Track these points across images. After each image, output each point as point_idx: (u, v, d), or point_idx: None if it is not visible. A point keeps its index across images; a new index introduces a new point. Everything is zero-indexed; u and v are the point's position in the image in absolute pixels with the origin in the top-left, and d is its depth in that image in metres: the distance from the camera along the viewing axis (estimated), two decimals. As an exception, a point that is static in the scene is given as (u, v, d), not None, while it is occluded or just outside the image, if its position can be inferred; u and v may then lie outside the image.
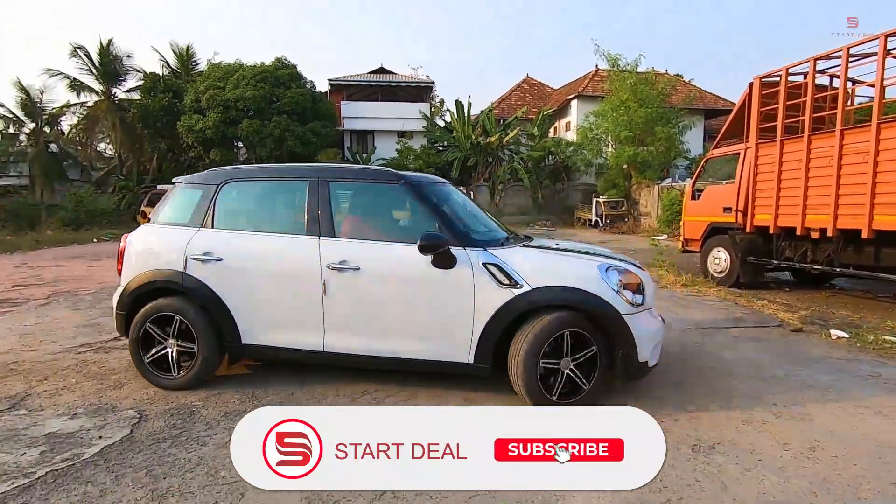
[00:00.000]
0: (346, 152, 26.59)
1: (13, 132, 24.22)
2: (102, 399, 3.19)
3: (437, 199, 3.32)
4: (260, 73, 20.95)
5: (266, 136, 20.36)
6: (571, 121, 25.35)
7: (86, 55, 22.95)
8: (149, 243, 3.58)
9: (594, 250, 3.57)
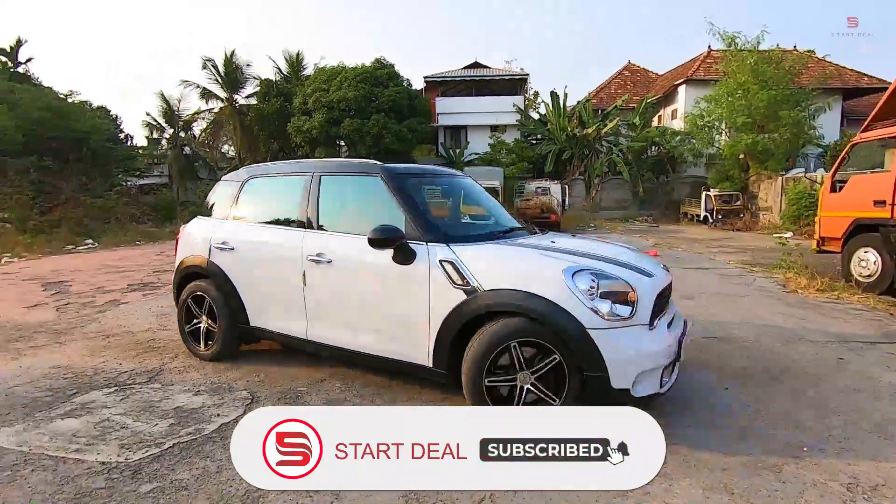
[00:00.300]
0: (439, 148, 26.99)
1: (156, 137, 27.80)
2: (221, 378, 3.47)
3: (411, 191, 3.14)
4: (360, 74, 21.91)
5: (365, 134, 21.26)
6: (678, 108, 23.45)
7: (213, 67, 25.57)
8: (191, 232, 4.06)
9: (610, 254, 2.96)
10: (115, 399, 3.11)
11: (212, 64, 25.31)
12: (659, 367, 2.56)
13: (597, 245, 3.29)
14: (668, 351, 2.61)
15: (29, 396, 3.15)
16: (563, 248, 2.98)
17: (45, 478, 2.23)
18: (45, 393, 3.20)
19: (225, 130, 27.71)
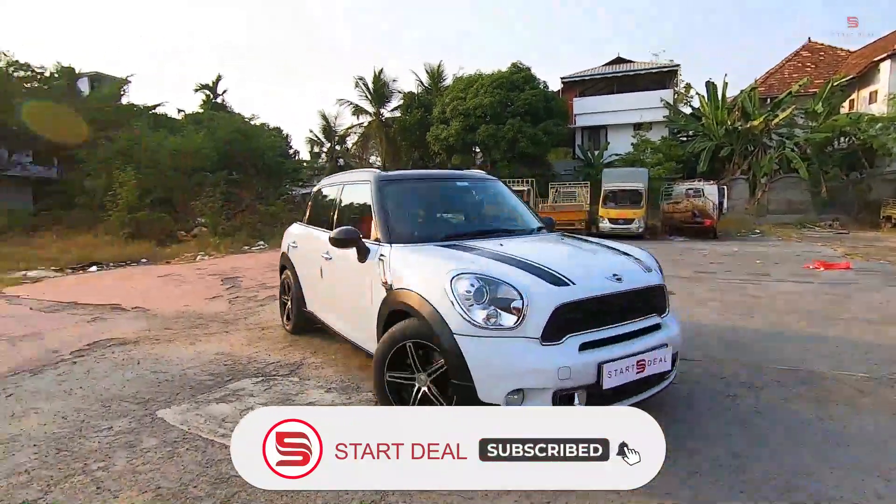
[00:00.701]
0: (576, 150, 25.94)
1: (317, 151, 31.34)
2: (351, 378, 3.59)
3: (389, 195, 3.42)
4: (496, 79, 22.06)
5: (500, 139, 21.31)
6: (879, 89, 19.30)
7: (364, 85, 28.03)
8: (286, 233, 5.04)
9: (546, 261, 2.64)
10: (260, 388, 3.40)
11: (363, 82, 27.72)
12: (547, 388, 2.27)
13: (557, 250, 3.17)
14: (563, 373, 2.26)
15: (196, 379, 3.60)
16: (498, 253, 2.80)
17: (195, 458, 2.47)
18: (208, 377, 3.63)
19: (373, 142, 30.10)
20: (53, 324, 5.34)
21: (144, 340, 4.65)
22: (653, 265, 2.98)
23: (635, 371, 2.44)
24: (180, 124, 24.82)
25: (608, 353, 2.39)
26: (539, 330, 2.31)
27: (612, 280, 2.60)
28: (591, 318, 2.47)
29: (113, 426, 2.84)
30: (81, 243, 12.41)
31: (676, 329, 2.81)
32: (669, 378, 2.77)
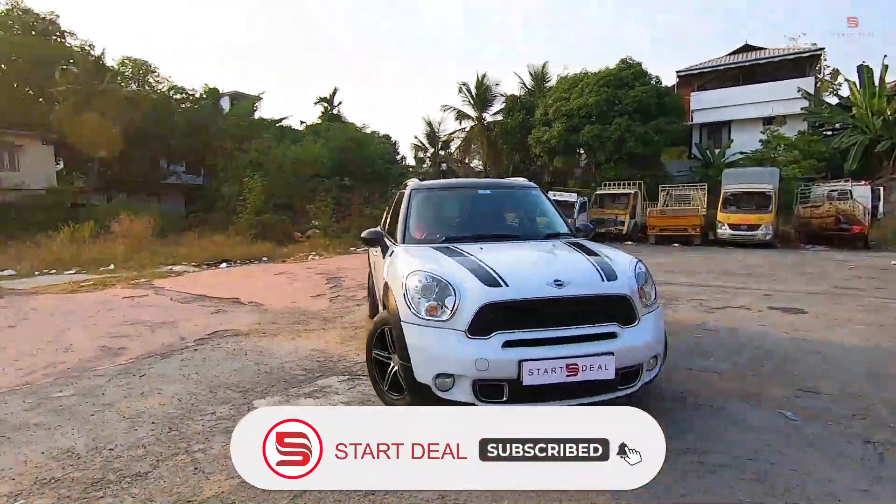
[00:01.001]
0: (693, 149, 23.84)
1: (421, 157, 32.43)
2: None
3: (416, 201, 4.04)
4: (603, 77, 21.05)
5: (606, 139, 20.29)
6: None
7: (467, 90, 28.42)
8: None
9: (501, 265, 2.84)
10: (345, 387, 3.55)
11: (466, 88, 28.12)
12: (468, 376, 2.53)
13: (522, 255, 3.28)
14: (481, 364, 2.51)
15: (291, 373, 3.86)
16: (469, 255, 3.05)
17: (278, 449, 2.63)
18: (301, 372, 3.88)
19: (475, 146, 30.40)
20: (186, 313, 6.10)
21: (254, 333, 5.12)
22: (623, 275, 2.91)
23: (565, 374, 2.51)
24: (301, 135, 27.18)
25: (532, 352, 2.53)
26: (466, 324, 2.58)
27: (551, 286, 2.68)
28: (525, 318, 2.63)
29: (216, 412, 3.13)
30: (216, 242, 14.10)
31: (639, 341, 2.73)
32: (635, 386, 2.76)
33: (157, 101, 24.89)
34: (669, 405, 3.20)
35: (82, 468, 2.46)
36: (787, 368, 3.90)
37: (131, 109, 22.16)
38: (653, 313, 2.92)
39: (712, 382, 3.62)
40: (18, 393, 3.47)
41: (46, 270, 10.15)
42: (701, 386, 3.54)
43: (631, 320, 2.76)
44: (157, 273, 9.73)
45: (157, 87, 26.63)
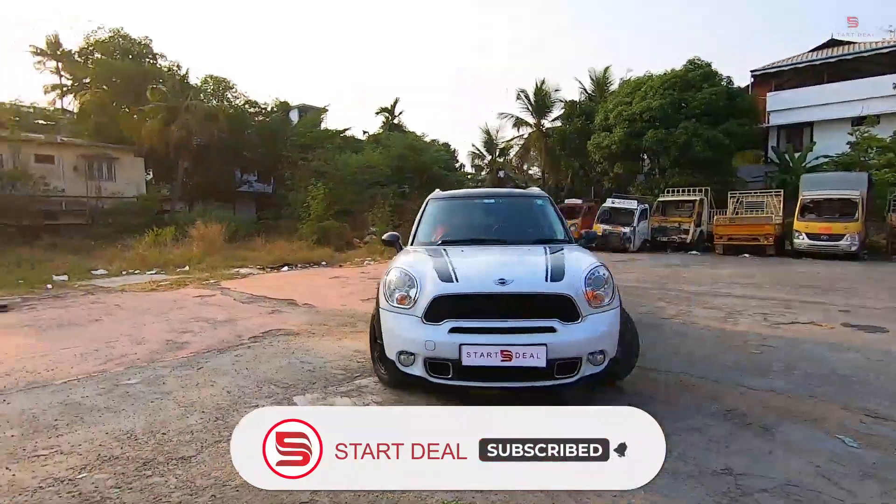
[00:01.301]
0: (769, 152, 22.24)
1: (478, 164, 32.57)
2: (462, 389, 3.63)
3: (429, 209, 4.65)
4: (668, 80, 20.21)
5: (670, 144, 19.42)
6: None
7: (525, 97, 28.26)
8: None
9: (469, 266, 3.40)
10: (380, 388, 3.65)
11: (524, 94, 27.98)
12: (418, 354, 3.07)
13: (486, 257, 3.63)
14: (429, 345, 3.00)
15: (332, 372, 4.04)
16: (448, 256, 3.53)
17: (309, 443, 2.77)
18: (341, 371, 4.04)
19: (533, 153, 30.12)
20: (245, 312, 6.52)
21: (304, 333, 5.38)
22: (572, 277, 3.19)
23: (500, 359, 2.91)
24: (363, 144, 28.18)
25: (471, 338, 2.97)
26: (423, 312, 3.11)
27: (495, 283, 3.09)
28: (472, 309, 3.09)
29: (259, 404, 3.34)
30: (281, 247, 14.90)
31: (577, 336, 3.01)
32: (573, 377, 3.03)
33: (234, 115, 26.73)
34: (712, 422, 3.04)
35: (137, 449, 2.72)
36: (854, 391, 3.57)
37: (211, 124, 23.96)
38: (605, 313, 3.18)
39: (765, 401, 3.39)
40: (95, 379, 3.88)
41: (132, 270, 11.20)
42: (752, 404, 3.33)
43: (573, 317, 3.06)
44: (226, 275, 10.45)
45: (235, 102, 28.65)
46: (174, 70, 28.68)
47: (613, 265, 12.03)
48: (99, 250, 14.33)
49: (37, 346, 4.91)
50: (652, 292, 7.96)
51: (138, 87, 25.43)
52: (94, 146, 23.71)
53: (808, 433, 2.90)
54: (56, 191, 20.88)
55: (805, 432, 2.91)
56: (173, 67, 29.10)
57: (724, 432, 2.90)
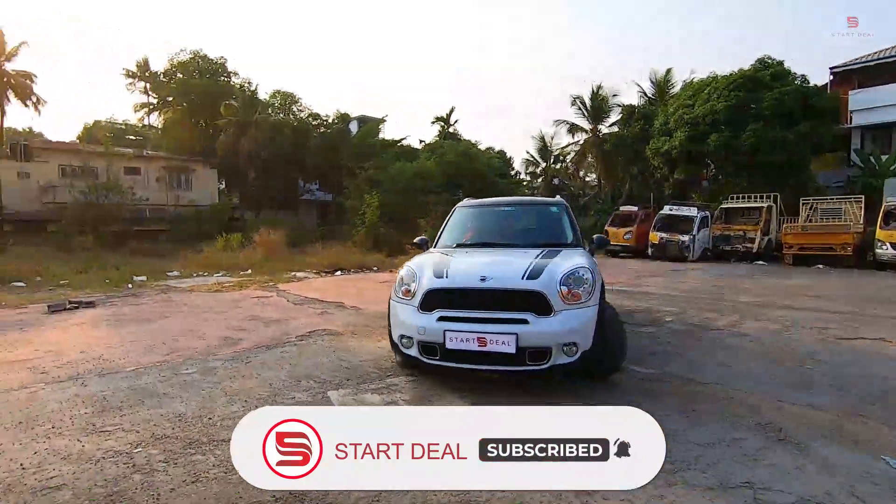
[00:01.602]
0: (852, 155, 20.49)
1: (532, 171, 32.29)
2: (485, 388, 3.71)
3: (452, 216, 5.27)
4: (734, 81, 19.16)
5: (736, 147, 18.40)
6: None
7: (581, 103, 27.76)
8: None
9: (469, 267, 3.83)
10: (409, 386, 3.81)
11: (580, 101, 27.49)
12: (414, 338, 3.60)
13: (483, 258, 4.08)
14: (420, 330, 3.53)
15: (367, 370, 4.24)
16: (453, 256, 4.14)
17: (335, 433, 2.96)
18: (375, 370, 4.23)
19: (589, 160, 29.48)
20: (296, 313, 6.92)
21: (347, 333, 5.65)
22: (549, 277, 3.53)
23: (476, 344, 3.35)
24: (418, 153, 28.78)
25: (453, 325, 3.44)
26: (419, 302, 3.64)
27: (476, 280, 3.56)
28: (458, 302, 3.55)
29: (295, 397, 3.60)
30: (336, 252, 15.53)
31: (548, 329, 3.36)
32: (543, 365, 3.37)
33: (297, 127, 28.21)
34: (744, 435, 2.93)
35: (186, 430, 3.02)
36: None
37: (276, 136, 25.44)
38: (579, 310, 3.47)
39: (807, 418, 3.22)
40: (158, 368, 4.31)
41: (202, 273, 12.13)
42: (791, 420, 3.17)
43: (546, 312, 3.41)
44: (283, 278, 11.08)
45: (299, 115, 30.25)
46: (245, 87, 30.76)
47: (665, 275, 11.65)
48: (175, 254, 15.58)
49: (113, 338, 5.50)
50: (704, 303, 7.62)
51: (213, 103, 27.50)
52: (173, 159, 25.87)
53: (849, 452, 2.74)
54: (141, 199, 22.92)
55: (845, 451, 2.75)
56: (244, 84, 31.23)
57: (756, 446, 2.80)
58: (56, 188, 21.46)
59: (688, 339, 5.28)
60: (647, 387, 3.79)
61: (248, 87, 31.00)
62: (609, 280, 10.53)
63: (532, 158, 31.82)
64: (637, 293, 8.77)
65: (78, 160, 22.09)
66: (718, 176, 21.06)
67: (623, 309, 7.17)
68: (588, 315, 3.49)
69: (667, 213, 16.23)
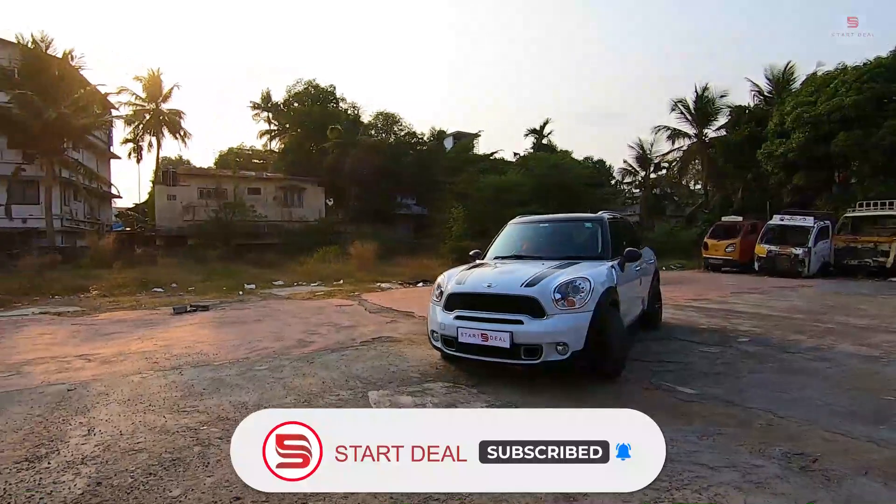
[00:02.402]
0: None
1: (629, 181, 30.83)
2: (517, 396, 3.85)
3: (502, 232, 5.89)
4: (868, 71, 16.86)
5: (870, 147, 16.09)
6: None
7: (683, 106, 26.05)
8: None
9: (497, 276, 4.46)
10: (442, 392, 4.06)
11: (682, 104, 25.84)
12: (438, 332, 4.41)
13: (503, 269, 4.71)
14: (442, 326, 4.35)
15: (409, 375, 4.57)
16: (483, 268, 4.84)
17: (359, 427, 3.32)
18: (417, 375, 4.55)
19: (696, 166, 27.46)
20: (367, 321, 7.52)
21: (405, 341, 6.06)
22: (545, 286, 4.03)
23: (479, 339, 4.04)
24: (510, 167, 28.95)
25: (464, 323, 4.17)
26: (443, 303, 4.43)
27: (483, 287, 4.29)
28: (472, 304, 4.25)
29: (340, 395, 4.03)
30: (422, 264, 16.25)
31: (538, 329, 3.91)
32: (535, 360, 3.91)
33: (395, 145, 29.98)
34: (763, 463, 2.75)
35: (244, 414, 3.56)
36: None
37: (375, 155, 27.27)
38: (571, 314, 3.94)
39: (855, 452, 2.90)
40: (238, 364, 5.05)
41: (301, 282, 13.47)
42: (834, 451, 2.89)
43: (539, 314, 3.95)
44: (368, 288, 11.93)
45: (400, 134, 32.08)
46: (350, 111, 33.46)
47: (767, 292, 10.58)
48: (283, 265, 17.41)
49: (213, 336, 6.48)
50: (797, 324, 6.87)
51: (323, 127, 30.27)
52: (287, 179, 28.88)
53: (889, 492, 2.48)
54: (260, 216, 25.94)
55: (884, 490, 2.49)
56: (350, 108, 34.00)
57: (770, 474, 2.63)
58: (195, 207, 25.07)
59: (753, 362, 4.89)
60: (680, 407, 3.65)
61: (355, 110, 33.73)
62: (693, 296, 9.85)
63: (630, 168, 30.40)
64: (720, 310, 8.12)
65: (212, 183, 25.64)
66: (850, 179, 18.49)
67: (693, 326, 6.76)
68: (580, 319, 3.94)
69: (777, 223, 14.58)
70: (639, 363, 4.85)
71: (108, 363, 5.13)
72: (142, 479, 2.66)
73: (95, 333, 6.78)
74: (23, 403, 3.90)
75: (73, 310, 9.06)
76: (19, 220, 22.30)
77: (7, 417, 3.60)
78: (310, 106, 33.19)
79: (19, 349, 5.86)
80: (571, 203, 23.70)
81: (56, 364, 5.11)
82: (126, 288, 11.90)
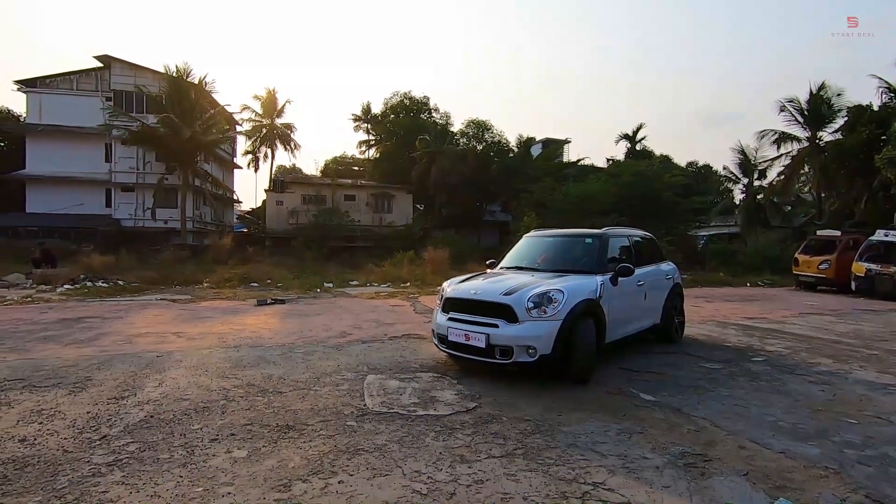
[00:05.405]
0: None
1: (730, 188, 28.55)
2: (479, 391, 4.44)
3: (518, 243, 6.72)
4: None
5: None
6: None
7: (795, 107, 23.70)
8: None
9: (503, 285, 4.98)
10: (427, 380, 4.77)
11: (792, 105, 23.56)
12: (436, 331, 5.15)
13: (497, 278, 5.34)
14: (438, 327, 5.09)
15: (410, 366, 5.32)
16: (486, 276, 5.60)
17: (347, 399, 4.15)
18: (418, 366, 5.29)
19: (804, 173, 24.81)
20: (408, 319, 8.39)
21: (429, 339, 6.77)
22: (520, 295, 4.60)
23: (463, 338, 4.74)
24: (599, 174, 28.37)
25: (454, 324, 4.88)
26: (441, 306, 5.22)
27: (470, 293, 4.93)
28: (461, 308, 4.92)
29: (345, 377, 4.90)
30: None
31: (510, 333, 4.49)
32: (508, 360, 4.50)
33: (482, 154, 30.84)
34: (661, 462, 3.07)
35: (266, 384, 4.60)
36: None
37: (461, 165, 28.37)
38: (541, 322, 4.47)
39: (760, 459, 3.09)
40: (283, 347, 6.17)
41: (373, 283, 14.82)
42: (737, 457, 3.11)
43: (513, 320, 4.52)
44: (431, 291, 12.86)
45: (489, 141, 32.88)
46: (440, 121, 35.03)
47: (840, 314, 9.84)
48: (366, 266, 19.06)
49: (276, 325, 7.78)
50: (840, 348, 6.46)
51: (413, 137, 32.14)
52: (379, 187, 31.08)
53: (752, 491, 2.73)
54: (354, 221, 28.29)
55: (748, 488, 2.74)
56: (441, 118, 35.60)
57: (649, 466, 2.98)
58: (298, 212, 28.08)
59: (744, 380, 4.91)
60: (627, 410, 3.97)
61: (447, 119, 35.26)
62: (751, 314, 9.43)
63: (732, 175, 28.19)
64: (766, 329, 7.77)
65: (313, 190, 28.53)
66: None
67: (718, 343, 6.68)
68: (549, 327, 4.45)
69: (880, 239, 12.96)
70: (623, 371, 5.15)
71: (191, 340, 6.57)
72: (179, 416, 3.74)
73: (192, 317, 8.47)
74: (125, 363, 5.32)
75: (185, 297, 11.14)
76: (161, 221, 26.91)
77: (113, 371, 5.00)
78: (403, 118, 35.35)
79: (136, 325, 7.62)
80: (657, 213, 22.77)
81: (156, 338, 6.66)
82: (230, 282, 14.10)
